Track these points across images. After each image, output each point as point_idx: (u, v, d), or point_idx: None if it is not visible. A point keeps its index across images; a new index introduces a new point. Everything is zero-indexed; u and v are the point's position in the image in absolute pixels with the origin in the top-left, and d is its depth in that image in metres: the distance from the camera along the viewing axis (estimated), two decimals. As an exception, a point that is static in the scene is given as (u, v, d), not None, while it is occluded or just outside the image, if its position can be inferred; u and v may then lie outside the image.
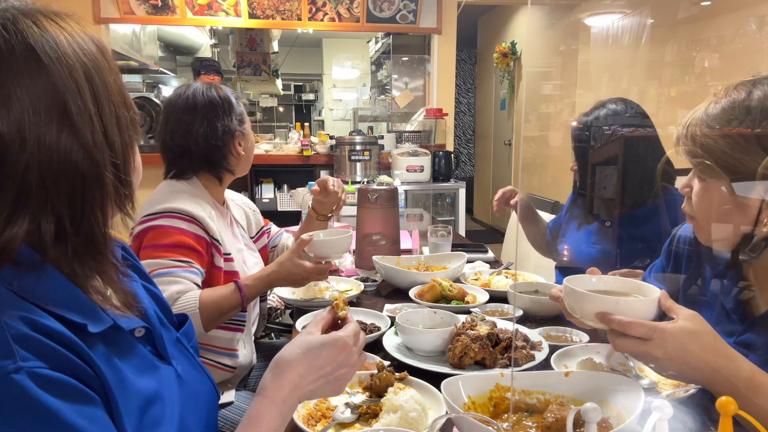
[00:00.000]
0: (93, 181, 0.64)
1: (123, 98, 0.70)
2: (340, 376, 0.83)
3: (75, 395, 0.58)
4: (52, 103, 0.61)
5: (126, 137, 0.69)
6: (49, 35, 0.62)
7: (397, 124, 5.11)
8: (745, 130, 0.92)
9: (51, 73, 0.61)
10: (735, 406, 0.60)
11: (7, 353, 0.55)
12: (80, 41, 0.65)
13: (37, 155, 0.60)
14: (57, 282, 0.63)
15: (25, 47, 0.60)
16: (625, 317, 0.87)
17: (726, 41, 2.83)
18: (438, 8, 4.53)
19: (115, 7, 4.07)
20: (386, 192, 1.96)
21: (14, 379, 0.54)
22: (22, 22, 0.62)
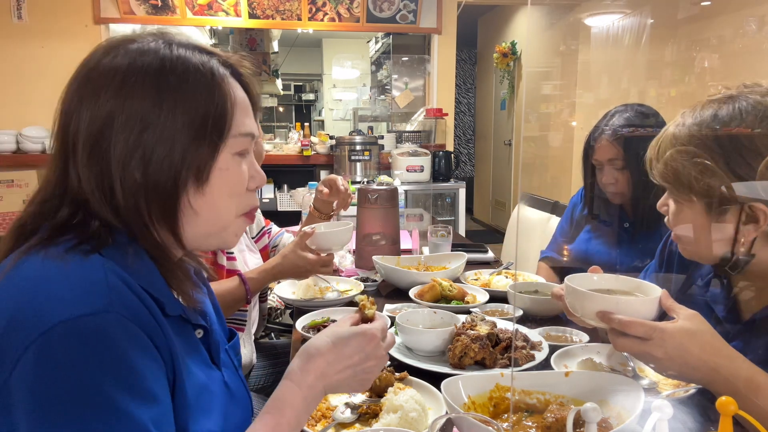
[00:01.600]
0: (117, 195, 0.68)
1: (198, 136, 0.71)
2: (368, 368, 0.82)
3: (149, 351, 0.63)
4: (108, 106, 0.67)
5: (172, 173, 0.69)
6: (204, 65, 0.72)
7: (397, 124, 5.11)
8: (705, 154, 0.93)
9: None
10: (735, 406, 0.60)
11: (104, 296, 0.61)
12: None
13: (84, 145, 0.67)
14: (146, 265, 0.69)
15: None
16: (625, 316, 0.87)
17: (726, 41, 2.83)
18: (438, 8, 4.53)
19: (115, 7, 4.07)
20: (386, 192, 1.96)
21: (104, 318, 0.60)
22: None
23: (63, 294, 0.60)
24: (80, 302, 0.60)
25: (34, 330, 0.58)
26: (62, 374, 0.57)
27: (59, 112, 0.71)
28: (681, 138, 0.96)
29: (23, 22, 3.98)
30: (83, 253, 0.64)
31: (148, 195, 0.68)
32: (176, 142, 0.68)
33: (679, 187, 0.97)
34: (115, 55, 0.70)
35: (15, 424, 0.58)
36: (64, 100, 0.71)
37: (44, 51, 3.99)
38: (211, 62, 0.72)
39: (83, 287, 0.61)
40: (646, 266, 1.32)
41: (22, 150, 3.87)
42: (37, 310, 0.59)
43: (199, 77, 0.70)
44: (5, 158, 3.82)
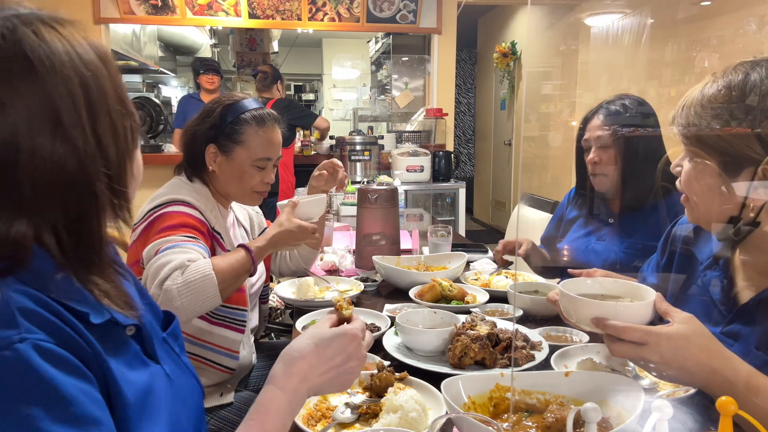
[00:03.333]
0: (85, 191, 0.64)
1: (123, 107, 0.69)
2: (350, 369, 0.83)
3: (76, 372, 0.59)
4: (45, 113, 0.61)
5: (123, 147, 0.68)
6: (46, 44, 0.62)
7: (397, 124, 5.11)
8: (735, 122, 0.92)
9: (45, 82, 0.61)
10: (735, 406, 0.60)
11: (13, 324, 0.57)
12: (79, 49, 0.65)
13: (30, 163, 0.60)
14: (64, 280, 0.64)
15: (22, 56, 0.61)
16: (619, 322, 0.87)
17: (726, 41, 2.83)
18: (438, 8, 4.53)
19: (115, 7, 4.08)
20: (386, 192, 1.96)
21: (18, 349, 0.56)
22: (21, 30, 0.62)
23: None
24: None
25: None
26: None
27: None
28: (708, 96, 0.96)
29: (23, 22, 3.98)
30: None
31: (112, 180, 0.67)
32: (117, 119, 0.68)
33: (698, 144, 0.96)
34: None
35: None
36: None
37: (44, 51, 3.99)
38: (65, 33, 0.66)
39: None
40: (648, 261, 1.32)
41: (22, 150, 3.87)
42: None
43: (97, 53, 0.68)
44: (5, 158, 3.82)
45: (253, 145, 1.52)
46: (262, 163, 1.54)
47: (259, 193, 1.58)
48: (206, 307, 1.27)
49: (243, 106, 1.53)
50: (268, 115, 1.56)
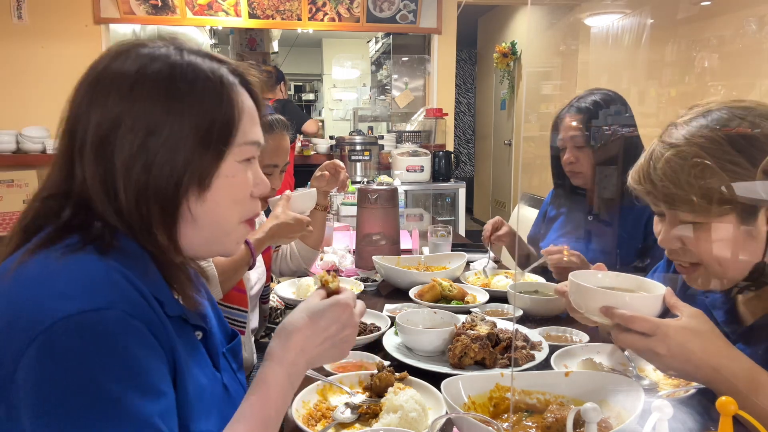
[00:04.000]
0: (120, 197, 0.68)
1: (203, 143, 0.71)
2: (345, 337, 0.83)
3: (152, 347, 0.64)
4: (116, 109, 0.67)
5: (174, 178, 0.70)
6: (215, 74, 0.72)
7: (397, 124, 5.11)
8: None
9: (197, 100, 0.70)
10: (735, 406, 0.60)
11: (104, 292, 0.62)
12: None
13: (90, 145, 0.68)
14: (148, 267, 0.69)
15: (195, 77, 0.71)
16: (628, 311, 0.87)
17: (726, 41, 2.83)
18: (438, 8, 4.53)
19: (115, 7, 4.07)
20: (386, 192, 1.96)
21: (106, 315, 0.60)
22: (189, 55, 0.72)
23: (65, 291, 0.60)
24: (82, 298, 0.60)
25: (37, 327, 0.58)
26: (65, 370, 0.57)
27: (66, 113, 0.71)
28: (685, 150, 0.91)
29: (23, 22, 3.98)
30: (86, 252, 0.64)
31: (149, 199, 0.68)
32: (180, 148, 0.68)
33: (705, 204, 0.90)
34: (126, 59, 0.70)
35: (20, 421, 0.58)
36: (73, 102, 0.71)
37: (44, 51, 3.99)
38: (221, 70, 0.73)
39: (85, 284, 0.62)
40: (654, 267, 1.32)
41: (22, 150, 3.87)
42: (39, 307, 0.59)
43: (207, 84, 0.71)
44: (5, 158, 3.82)
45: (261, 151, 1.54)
46: (269, 169, 1.56)
47: (264, 200, 1.60)
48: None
49: None
50: (276, 121, 1.57)
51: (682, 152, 0.91)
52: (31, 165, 3.85)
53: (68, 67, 4.00)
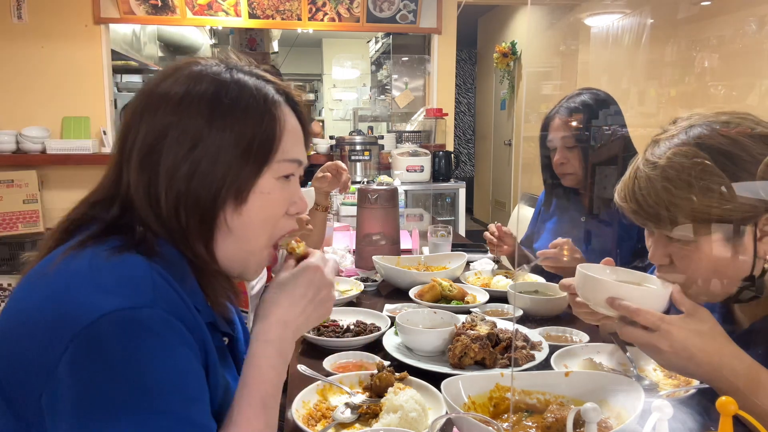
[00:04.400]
0: (161, 204, 0.72)
1: (243, 158, 0.74)
2: (324, 297, 0.85)
3: (191, 348, 0.66)
4: (165, 120, 0.71)
5: (212, 190, 0.72)
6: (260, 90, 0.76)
7: (397, 124, 5.11)
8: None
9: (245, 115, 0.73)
10: (735, 405, 0.60)
11: (148, 292, 0.64)
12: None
13: (137, 152, 0.72)
14: (185, 272, 0.72)
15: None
16: (634, 304, 0.87)
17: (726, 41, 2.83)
18: (438, 8, 4.53)
19: (115, 7, 4.07)
20: (386, 192, 1.96)
21: (149, 314, 0.62)
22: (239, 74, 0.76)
23: (109, 287, 0.63)
24: (126, 296, 0.62)
25: (80, 321, 0.60)
26: (106, 364, 0.59)
27: (122, 123, 0.76)
28: (655, 179, 0.91)
29: (23, 22, 3.98)
30: (125, 252, 0.67)
31: (189, 207, 0.71)
32: (221, 161, 0.72)
33: (689, 222, 0.90)
34: (179, 75, 0.74)
35: (61, 413, 0.59)
36: (128, 113, 0.75)
37: (44, 51, 3.99)
38: (267, 88, 0.76)
39: (129, 282, 0.64)
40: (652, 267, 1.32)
41: (22, 150, 3.87)
42: (83, 302, 0.61)
43: (251, 101, 0.74)
44: (5, 158, 3.82)
45: None
46: None
47: None
48: None
49: None
50: None
51: (664, 172, 0.91)
52: (31, 165, 3.85)
53: (68, 67, 3.99)
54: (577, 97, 1.73)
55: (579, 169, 1.71)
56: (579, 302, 1.03)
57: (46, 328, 0.61)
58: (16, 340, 0.63)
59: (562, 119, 1.72)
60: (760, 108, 2.62)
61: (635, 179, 0.96)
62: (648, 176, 0.93)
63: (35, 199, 3.88)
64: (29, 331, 0.62)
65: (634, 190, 0.95)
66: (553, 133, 1.75)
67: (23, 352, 0.62)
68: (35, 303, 0.64)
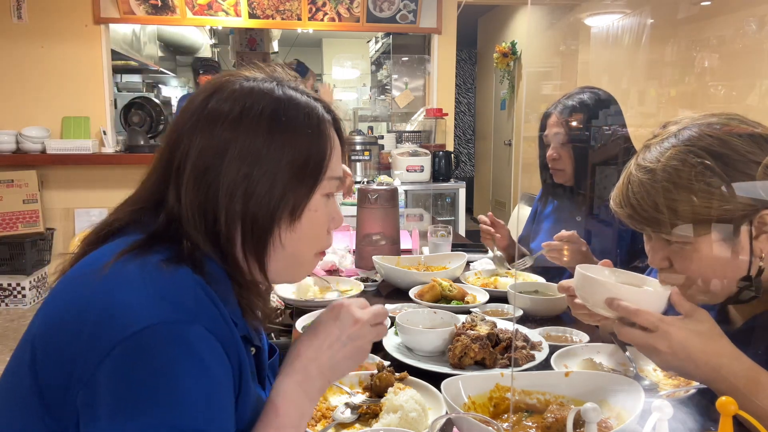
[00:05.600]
0: (218, 217, 0.72)
1: (297, 177, 0.74)
2: (353, 335, 0.82)
3: (224, 364, 0.67)
4: (222, 138, 0.71)
5: (270, 209, 0.73)
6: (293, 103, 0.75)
7: (397, 124, 5.11)
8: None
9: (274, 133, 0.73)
10: (735, 406, 0.60)
11: (190, 306, 0.65)
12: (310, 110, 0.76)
13: (191, 169, 0.71)
14: (227, 288, 0.73)
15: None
16: (633, 305, 0.87)
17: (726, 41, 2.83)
18: (438, 8, 4.53)
19: (115, 7, 4.07)
20: (386, 192, 1.96)
21: (189, 328, 0.63)
22: (278, 90, 0.76)
23: (158, 298, 0.64)
24: (172, 309, 0.63)
25: (124, 329, 0.60)
26: (144, 375, 0.60)
27: (171, 131, 0.76)
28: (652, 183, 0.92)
29: (23, 22, 3.98)
30: (174, 264, 0.67)
31: (245, 226, 0.72)
32: (278, 179, 0.72)
33: (684, 225, 0.91)
34: (230, 92, 0.74)
35: (96, 416, 0.60)
36: (178, 122, 0.75)
37: (44, 51, 3.99)
38: (317, 106, 0.77)
39: (174, 296, 0.65)
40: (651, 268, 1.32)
41: (22, 150, 3.87)
42: (128, 310, 0.62)
43: (307, 120, 0.75)
44: (5, 158, 3.82)
45: None
46: None
47: None
48: None
49: None
50: None
51: (657, 176, 0.92)
52: (31, 165, 3.86)
53: (68, 67, 4.00)
54: (577, 96, 1.74)
55: (569, 165, 1.73)
56: (578, 304, 1.03)
57: (94, 328, 0.61)
58: (62, 335, 0.63)
59: (557, 115, 1.74)
60: (760, 108, 2.62)
61: (628, 184, 0.96)
62: (641, 181, 0.94)
63: (35, 199, 3.88)
64: (75, 329, 0.63)
65: (628, 195, 0.96)
66: (548, 129, 1.76)
67: (66, 349, 0.62)
68: (83, 302, 0.64)
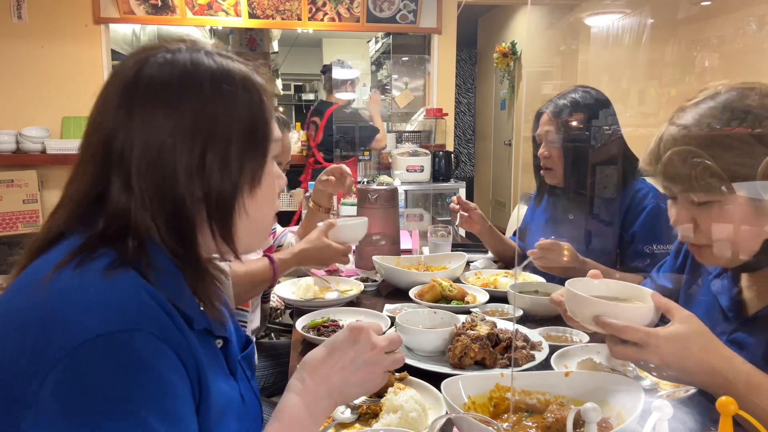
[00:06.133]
0: (180, 207, 0.68)
1: (251, 144, 0.72)
2: (369, 360, 0.80)
3: (177, 370, 0.63)
4: (166, 122, 0.67)
5: (231, 182, 0.70)
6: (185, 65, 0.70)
7: (397, 124, 5.11)
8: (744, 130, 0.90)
9: (179, 98, 0.68)
10: (735, 405, 0.60)
11: (132, 313, 0.61)
12: (221, 76, 0.71)
13: (140, 159, 0.67)
14: (178, 281, 0.69)
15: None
16: (620, 321, 0.86)
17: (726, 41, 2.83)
18: (438, 8, 4.53)
19: (115, 7, 4.07)
20: (386, 192, 1.96)
21: (133, 337, 0.60)
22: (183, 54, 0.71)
23: (95, 310, 0.61)
24: (112, 319, 0.60)
25: (66, 344, 0.58)
26: (91, 390, 0.57)
27: (97, 122, 0.70)
28: (688, 133, 0.92)
29: (23, 22, 3.98)
30: (118, 269, 0.64)
31: (210, 203, 0.69)
32: (234, 150, 0.70)
33: (715, 183, 0.90)
34: (159, 66, 0.69)
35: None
36: (104, 110, 0.70)
37: (44, 51, 3.99)
38: (249, 70, 0.75)
39: (115, 304, 0.61)
40: (660, 263, 1.32)
41: (22, 150, 3.87)
42: (69, 324, 0.59)
43: (245, 85, 0.72)
44: (5, 158, 3.82)
45: None
46: None
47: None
48: None
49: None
50: (276, 118, 1.58)
51: (691, 133, 0.92)
52: (31, 165, 3.85)
53: (68, 67, 3.99)
54: (570, 94, 1.74)
55: (559, 165, 1.73)
56: (570, 316, 1.03)
57: (34, 346, 0.59)
58: (2, 355, 0.60)
59: (549, 114, 1.74)
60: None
61: (661, 142, 0.96)
62: (674, 138, 0.94)
63: (35, 199, 3.88)
64: (16, 348, 0.60)
65: (660, 154, 0.96)
66: (540, 127, 1.77)
67: (7, 368, 0.59)
68: (22, 320, 0.62)
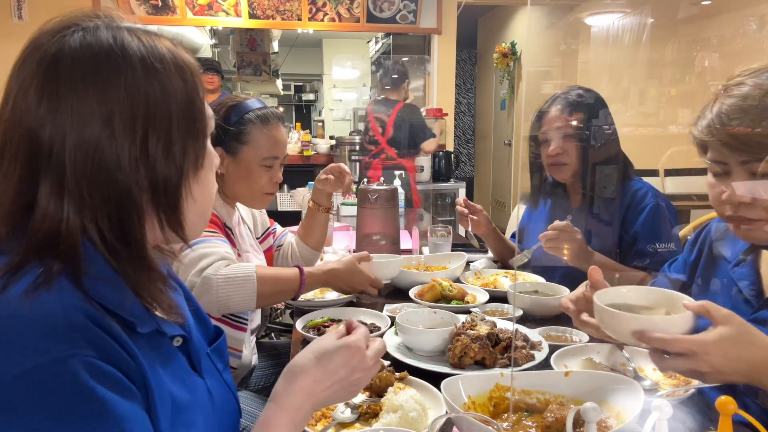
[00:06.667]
0: (125, 197, 0.64)
1: (190, 125, 0.68)
2: (355, 381, 0.80)
3: (122, 389, 0.59)
4: (100, 110, 0.61)
5: (176, 165, 0.66)
6: (122, 46, 0.65)
7: (398, 124, 5.10)
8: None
9: (109, 81, 0.62)
10: (734, 405, 0.60)
11: (64, 338, 0.57)
12: (154, 58, 0.66)
13: (75, 153, 0.61)
14: (117, 285, 0.64)
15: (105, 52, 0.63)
16: (666, 334, 0.84)
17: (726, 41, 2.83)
18: (438, 8, 4.53)
19: (114, 7, 4.07)
20: (386, 192, 1.96)
21: (69, 364, 0.56)
22: (107, 33, 0.66)
23: (21, 342, 0.56)
24: (40, 350, 0.56)
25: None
26: (31, 428, 0.54)
27: (14, 121, 0.62)
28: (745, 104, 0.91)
29: (23, 22, 3.98)
30: (40, 289, 0.58)
31: (157, 191, 0.65)
32: (175, 133, 0.66)
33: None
34: (80, 48, 0.63)
35: None
36: (19, 102, 0.63)
37: (44, 51, 3.99)
38: (177, 48, 0.70)
39: (43, 332, 0.57)
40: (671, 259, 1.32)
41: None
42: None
43: (177, 62, 0.68)
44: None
45: (260, 145, 1.54)
46: (270, 162, 1.56)
47: (268, 195, 1.60)
48: (238, 307, 1.30)
49: (246, 107, 1.54)
50: (272, 113, 1.58)
51: (754, 95, 0.91)
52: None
53: (68, 67, 4.00)
54: (573, 91, 1.74)
55: (574, 156, 1.71)
56: (584, 320, 1.02)
57: None
58: None
59: (557, 111, 1.73)
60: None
61: (720, 113, 0.94)
62: (741, 108, 0.92)
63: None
64: None
65: (722, 120, 0.94)
66: (547, 125, 1.75)
67: None
68: None
